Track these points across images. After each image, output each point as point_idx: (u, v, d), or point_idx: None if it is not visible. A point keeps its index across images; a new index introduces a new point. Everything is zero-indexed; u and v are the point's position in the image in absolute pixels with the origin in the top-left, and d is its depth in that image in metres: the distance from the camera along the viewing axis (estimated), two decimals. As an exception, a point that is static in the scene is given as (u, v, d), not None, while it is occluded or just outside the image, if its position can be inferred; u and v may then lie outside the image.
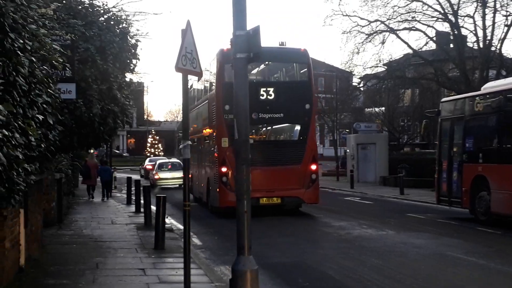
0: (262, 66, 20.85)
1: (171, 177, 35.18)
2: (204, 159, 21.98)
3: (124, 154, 76.66)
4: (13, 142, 5.13)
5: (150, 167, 42.88)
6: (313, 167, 19.01)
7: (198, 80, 23.40)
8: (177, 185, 34.04)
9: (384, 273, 10.17)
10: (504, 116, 15.71)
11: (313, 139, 19.73)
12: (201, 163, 22.53)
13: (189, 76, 8.74)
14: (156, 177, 35.68)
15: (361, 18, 34.27)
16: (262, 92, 18.63)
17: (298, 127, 19.56)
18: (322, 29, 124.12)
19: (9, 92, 5.58)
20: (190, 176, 10.69)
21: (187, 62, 8.07)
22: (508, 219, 15.81)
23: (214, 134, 19.50)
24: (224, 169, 18.41)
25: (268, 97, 18.76)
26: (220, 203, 18.64)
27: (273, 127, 20.79)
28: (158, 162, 39.00)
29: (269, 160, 18.43)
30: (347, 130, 52.13)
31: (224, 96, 18.17)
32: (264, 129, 21.01)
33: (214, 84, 19.74)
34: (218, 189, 18.72)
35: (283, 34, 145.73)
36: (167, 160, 40.31)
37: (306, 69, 19.88)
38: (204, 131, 21.69)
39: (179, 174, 33.45)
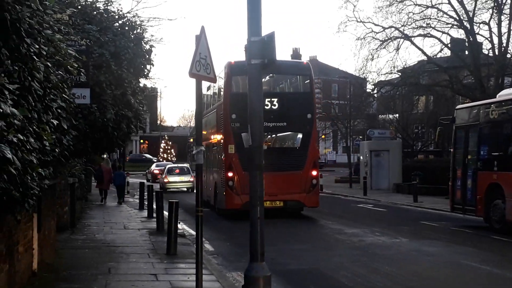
0: (267, 77, 21.51)
1: (180, 181, 37.24)
2: (212, 164, 22.94)
3: (154, 159, 75.80)
4: (28, 147, 5.15)
5: (157, 171, 45.34)
6: (314, 172, 20.20)
7: (208, 89, 24.09)
8: (185, 188, 36.18)
9: (397, 280, 10.10)
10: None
11: (314, 147, 20.97)
12: (209, 168, 23.37)
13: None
14: (165, 180, 37.33)
15: (376, 25, 34.27)
16: (266, 102, 19.40)
17: (300, 135, 20.56)
18: (336, 35, 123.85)
19: (25, 97, 5.60)
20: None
21: (201, 68, 8.08)
22: (523, 228, 15.66)
23: (222, 141, 20.46)
24: (230, 174, 19.57)
25: (272, 107, 19.81)
26: (226, 206, 19.88)
27: (277, 135, 21.60)
28: (167, 166, 40.96)
29: (273, 166, 18.83)
30: (361, 137, 51.93)
31: (231, 105, 19.56)
32: (268, 137, 21.47)
33: (223, 92, 20.74)
34: (224, 193, 19.86)
35: (296, 39, 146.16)
36: (175, 165, 42.09)
37: (308, 81, 20.99)
38: (212, 138, 22.70)
39: (187, 178, 36.48)
